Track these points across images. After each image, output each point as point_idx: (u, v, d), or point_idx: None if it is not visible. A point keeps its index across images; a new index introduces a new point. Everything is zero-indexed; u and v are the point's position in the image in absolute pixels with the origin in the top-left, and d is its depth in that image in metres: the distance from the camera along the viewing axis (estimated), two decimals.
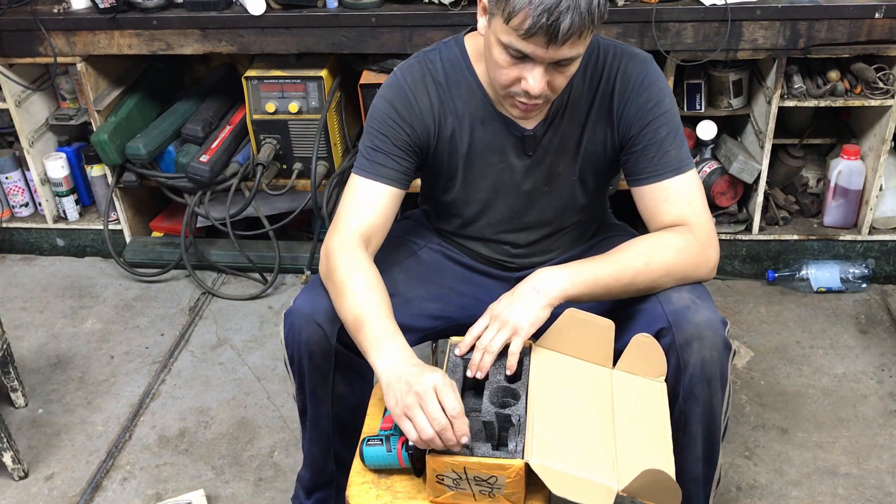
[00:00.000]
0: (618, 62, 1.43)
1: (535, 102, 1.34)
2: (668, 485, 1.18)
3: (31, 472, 1.99)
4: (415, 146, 1.47)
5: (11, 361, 2.09)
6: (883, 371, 2.20)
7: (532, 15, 1.19)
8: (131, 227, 2.75)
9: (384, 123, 1.45)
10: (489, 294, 1.52)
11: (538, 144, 1.47)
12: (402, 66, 1.49)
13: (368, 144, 1.47)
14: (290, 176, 2.52)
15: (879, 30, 2.16)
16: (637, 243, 1.40)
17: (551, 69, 1.29)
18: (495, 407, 1.29)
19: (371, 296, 1.34)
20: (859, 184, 2.42)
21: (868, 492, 1.86)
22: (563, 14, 1.19)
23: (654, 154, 1.42)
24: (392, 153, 1.45)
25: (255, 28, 2.29)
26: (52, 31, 2.37)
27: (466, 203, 1.56)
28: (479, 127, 1.47)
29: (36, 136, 2.65)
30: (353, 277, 1.35)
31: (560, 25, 1.19)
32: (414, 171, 1.50)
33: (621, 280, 1.37)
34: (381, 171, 1.45)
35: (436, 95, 1.46)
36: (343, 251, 1.39)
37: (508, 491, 1.24)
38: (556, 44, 1.22)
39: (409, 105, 1.45)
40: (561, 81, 1.32)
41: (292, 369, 1.47)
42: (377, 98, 1.48)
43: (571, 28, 1.20)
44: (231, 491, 1.93)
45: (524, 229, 1.58)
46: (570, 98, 1.45)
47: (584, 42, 1.26)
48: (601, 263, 1.38)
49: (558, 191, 1.53)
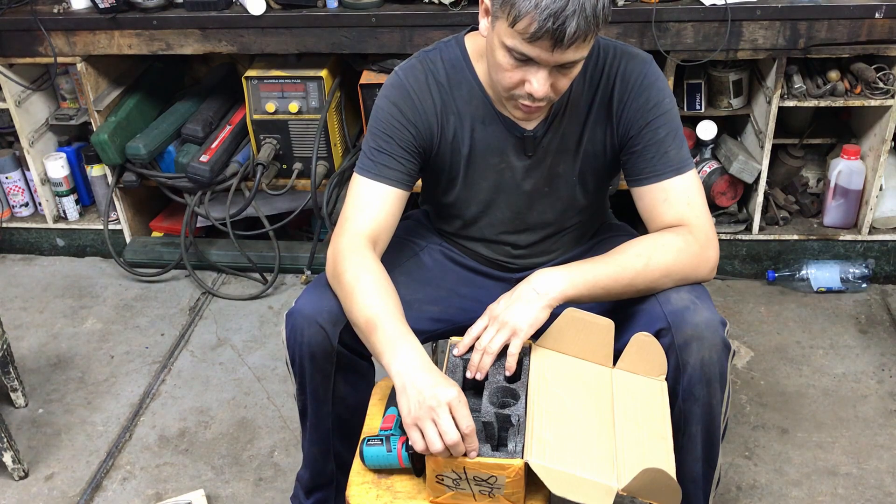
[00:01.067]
0: (618, 62, 1.43)
1: (538, 105, 1.34)
2: (668, 484, 1.18)
3: (31, 472, 1.99)
4: (419, 147, 1.47)
5: (11, 361, 2.09)
6: (883, 371, 2.20)
7: (538, 19, 1.19)
8: (131, 227, 2.75)
9: (389, 124, 1.45)
10: (489, 295, 1.52)
11: (538, 145, 1.47)
12: (403, 66, 1.49)
13: (372, 145, 1.46)
14: (290, 176, 2.52)
15: (879, 30, 2.15)
16: (636, 244, 1.40)
17: (555, 72, 1.29)
18: (495, 407, 1.29)
19: (383, 298, 1.33)
20: (859, 184, 2.42)
21: (868, 492, 1.86)
22: (569, 18, 1.19)
23: (653, 154, 1.42)
24: (396, 154, 1.45)
25: (255, 28, 2.29)
26: (52, 31, 2.37)
27: (467, 204, 1.56)
28: (480, 127, 1.47)
29: (36, 136, 2.65)
30: (363, 279, 1.35)
31: (566, 29, 1.19)
32: (418, 171, 1.50)
33: (620, 281, 1.37)
34: (385, 173, 1.44)
35: (438, 96, 1.46)
36: (351, 253, 1.39)
37: (508, 491, 1.24)
38: (562, 48, 1.22)
39: (413, 106, 1.45)
40: (564, 84, 1.32)
41: (293, 370, 1.47)
42: (380, 98, 1.47)
43: (577, 32, 1.20)
44: (231, 491, 1.93)
45: (525, 230, 1.58)
46: (571, 98, 1.44)
47: (588, 45, 1.26)
48: (600, 264, 1.38)
49: (559, 191, 1.53)
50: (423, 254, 1.64)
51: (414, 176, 1.49)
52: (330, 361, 1.42)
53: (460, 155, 1.49)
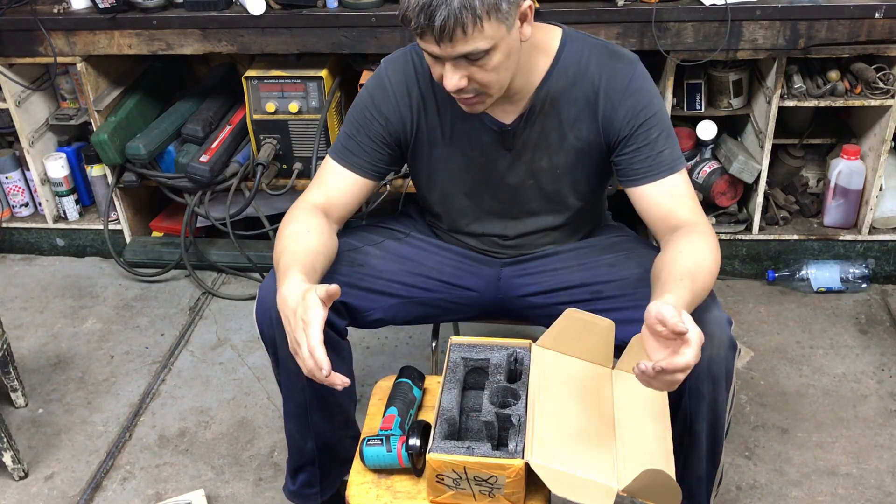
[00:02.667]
0: (604, 62, 1.44)
1: (464, 97, 1.36)
2: (668, 485, 1.18)
3: (31, 472, 1.99)
4: (388, 139, 1.51)
5: (11, 361, 2.09)
6: (883, 371, 2.20)
7: (413, 16, 1.23)
8: (131, 227, 2.75)
9: (362, 114, 1.50)
10: (472, 276, 1.60)
11: (517, 139, 1.49)
12: (389, 57, 1.53)
13: (346, 131, 1.52)
14: (290, 176, 2.52)
15: (879, 30, 2.15)
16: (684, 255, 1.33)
17: (466, 64, 1.29)
18: (495, 407, 1.30)
19: (304, 255, 1.38)
20: (859, 184, 2.42)
21: (868, 492, 1.86)
22: (434, 11, 1.21)
23: (647, 154, 1.43)
24: (364, 143, 1.50)
25: (255, 28, 2.29)
26: (52, 31, 2.36)
27: (453, 196, 1.59)
28: (460, 122, 1.49)
29: (36, 136, 2.65)
30: (289, 227, 1.43)
31: (435, 23, 1.21)
32: (389, 164, 1.54)
33: (703, 293, 1.32)
34: (351, 159, 1.51)
35: (416, 89, 1.49)
36: (295, 210, 1.47)
37: (508, 491, 1.24)
38: (445, 41, 1.24)
39: (387, 97, 1.49)
40: (483, 76, 1.31)
41: (265, 342, 1.50)
42: (363, 87, 1.53)
43: (446, 25, 1.21)
44: (231, 491, 1.93)
45: (512, 220, 1.60)
46: (550, 94, 1.45)
47: (480, 36, 1.24)
48: (686, 287, 1.27)
49: (543, 184, 1.54)
50: (407, 240, 1.66)
51: (382, 168, 1.53)
52: None
53: (441, 148, 1.52)
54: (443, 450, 1.24)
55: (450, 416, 1.30)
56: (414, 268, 1.60)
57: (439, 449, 1.25)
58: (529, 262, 1.63)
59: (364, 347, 2.34)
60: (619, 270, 1.53)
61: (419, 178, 1.61)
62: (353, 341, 1.60)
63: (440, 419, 1.30)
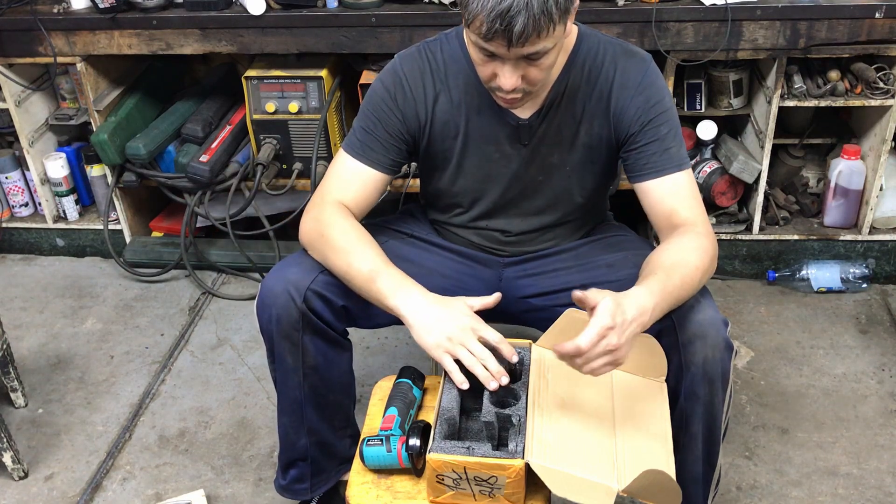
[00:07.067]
0: (617, 60, 1.46)
1: (513, 96, 1.37)
2: (668, 485, 1.18)
3: (31, 472, 1.99)
4: (406, 134, 1.51)
5: (11, 361, 2.09)
6: (883, 371, 2.20)
7: (487, 20, 1.23)
8: (131, 227, 2.75)
9: (378, 108, 1.50)
10: (473, 278, 1.61)
11: (533, 134, 1.50)
12: (403, 53, 1.53)
13: (362, 125, 1.52)
14: (290, 176, 2.52)
15: (879, 30, 2.15)
16: (675, 251, 1.36)
17: (523, 63, 1.31)
18: (495, 407, 1.30)
19: (377, 250, 1.43)
20: (859, 184, 2.42)
21: (868, 492, 1.86)
22: (514, 18, 1.21)
23: (656, 150, 1.44)
24: (382, 138, 1.50)
25: (255, 28, 2.29)
26: (52, 30, 2.36)
27: (461, 189, 1.59)
28: (475, 116, 1.50)
29: (36, 135, 2.64)
30: (355, 235, 1.44)
31: (514, 29, 1.22)
32: (404, 158, 1.55)
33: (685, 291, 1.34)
34: (369, 154, 1.51)
35: (431, 85, 1.49)
36: (337, 217, 1.47)
37: (508, 491, 1.24)
38: (516, 44, 1.25)
39: (404, 93, 1.49)
40: (536, 74, 1.33)
41: (264, 337, 1.51)
42: (376, 81, 1.53)
43: (525, 30, 1.22)
44: (231, 491, 1.93)
45: (517, 216, 1.60)
46: (567, 90, 1.46)
47: (549, 38, 1.26)
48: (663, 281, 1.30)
49: (552, 181, 1.55)
50: (409, 239, 1.67)
51: (398, 161, 1.54)
52: (296, 327, 1.45)
53: (454, 142, 1.52)
54: (443, 450, 1.24)
55: (450, 416, 1.30)
56: (416, 269, 1.60)
57: (439, 449, 1.25)
58: (530, 262, 1.63)
59: (364, 347, 2.34)
60: (616, 271, 1.54)
61: (431, 170, 1.61)
62: (354, 341, 1.61)
63: (440, 419, 1.30)
